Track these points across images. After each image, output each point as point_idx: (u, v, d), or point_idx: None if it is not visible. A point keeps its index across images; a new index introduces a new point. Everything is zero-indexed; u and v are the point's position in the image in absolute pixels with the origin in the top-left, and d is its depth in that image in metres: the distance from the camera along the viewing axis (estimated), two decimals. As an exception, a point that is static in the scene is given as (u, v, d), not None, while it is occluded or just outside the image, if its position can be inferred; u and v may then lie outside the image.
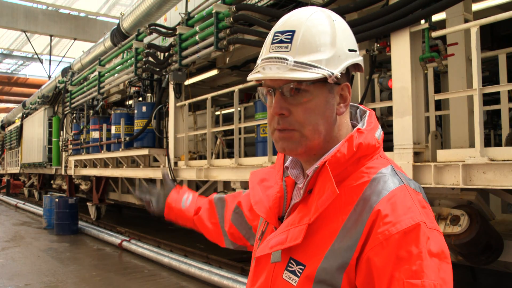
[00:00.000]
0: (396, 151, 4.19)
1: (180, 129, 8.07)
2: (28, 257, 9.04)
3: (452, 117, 4.71)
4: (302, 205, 1.13)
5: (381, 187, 1.05)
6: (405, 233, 0.97)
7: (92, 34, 23.06)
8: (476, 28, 3.63)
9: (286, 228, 1.12)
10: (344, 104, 1.15)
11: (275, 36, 1.13)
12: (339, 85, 1.13)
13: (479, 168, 3.60)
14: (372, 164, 1.11)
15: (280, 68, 1.08)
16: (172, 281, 7.11)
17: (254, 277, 1.23)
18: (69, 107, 13.58)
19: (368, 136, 1.12)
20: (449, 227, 3.94)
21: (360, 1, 4.58)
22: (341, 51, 1.11)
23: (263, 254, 1.15)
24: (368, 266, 0.99)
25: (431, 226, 1.01)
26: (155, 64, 8.38)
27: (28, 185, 23.19)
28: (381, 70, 5.95)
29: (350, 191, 1.07)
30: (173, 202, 1.82)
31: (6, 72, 37.87)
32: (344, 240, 1.03)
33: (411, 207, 1.02)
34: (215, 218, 1.74)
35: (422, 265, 0.95)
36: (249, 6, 6.03)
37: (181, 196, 1.83)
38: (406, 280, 0.94)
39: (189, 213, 1.78)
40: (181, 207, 1.80)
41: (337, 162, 1.08)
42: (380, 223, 1.00)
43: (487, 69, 6.95)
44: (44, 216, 13.23)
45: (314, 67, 1.07)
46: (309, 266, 1.06)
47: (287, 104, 1.11)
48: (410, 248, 0.96)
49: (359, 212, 1.03)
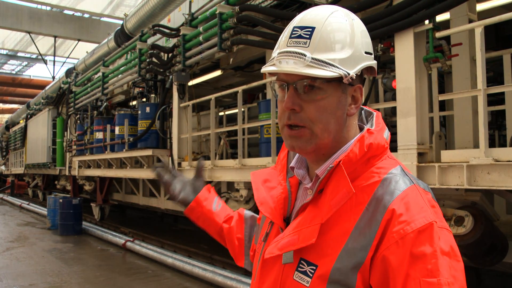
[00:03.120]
0: (400, 152, 4.17)
1: (183, 130, 8.07)
2: (33, 257, 9.06)
3: (456, 117, 4.70)
4: (312, 205, 1.12)
5: (393, 187, 1.05)
6: (419, 232, 0.98)
7: (96, 35, 23.11)
8: (481, 28, 3.62)
9: (297, 229, 1.11)
10: (355, 106, 1.16)
11: (294, 31, 1.11)
12: (352, 86, 1.13)
13: (484, 168, 3.58)
14: (382, 164, 1.12)
15: (297, 63, 1.07)
16: (176, 282, 7.11)
17: (261, 279, 1.21)
18: (73, 108, 13.60)
19: (378, 136, 1.13)
20: (454, 228, 3.93)
21: (364, 1, 4.57)
22: (358, 52, 1.11)
23: (273, 255, 1.14)
24: (384, 265, 1.00)
25: (441, 225, 1.02)
26: (159, 64, 8.38)
27: (32, 186, 23.24)
28: (385, 70, 5.94)
29: (361, 191, 1.07)
30: (204, 199, 1.66)
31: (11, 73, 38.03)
32: (358, 239, 1.03)
33: (423, 207, 1.03)
34: (241, 234, 1.63)
35: (437, 263, 0.96)
36: (252, 7, 6.03)
37: (212, 197, 1.69)
38: (422, 279, 0.95)
39: (219, 218, 1.64)
40: (211, 208, 1.65)
41: (349, 161, 1.08)
42: (395, 222, 1.00)
43: (491, 70, 6.92)
44: (48, 216, 13.26)
45: (331, 65, 1.07)
46: (321, 266, 1.06)
47: (299, 100, 1.10)
48: (424, 247, 0.97)
49: (372, 211, 1.04)
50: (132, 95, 10.25)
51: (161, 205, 10.57)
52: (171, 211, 10.59)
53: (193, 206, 1.65)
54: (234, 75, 9.25)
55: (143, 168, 9.52)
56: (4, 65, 37.10)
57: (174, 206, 10.30)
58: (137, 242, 9.73)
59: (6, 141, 28.46)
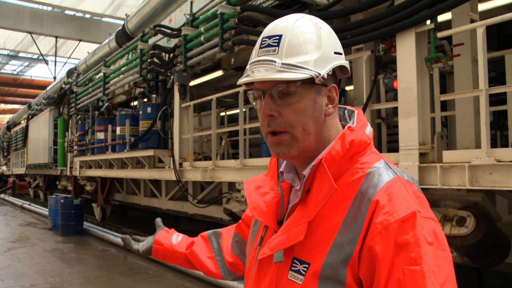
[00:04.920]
0: (401, 152, 4.16)
1: (185, 130, 8.06)
2: (34, 257, 9.07)
3: (458, 117, 4.69)
4: (301, 206, 1.15)
5: (376, 180, 1.08)
6: (402, 222, 1.01)
7: (97, 35, 23.11)
8: (483, 28, 3.61)
9: (287, 229, 1.14)
10: (332, 105, 1.19)
11: (263, 41, 1.17)
12: (326, 86, 1.17)
13: (486, 169, 3.57)
14: (365, 159, 1.15)
15: (268, 70, 1.11)
16: (177, 282, 7.11)
17: (257, 281, 1.24)
18: (74, 108, 13.60)
19: (359, 133, 1.16)
20: (455, 228, 3.92)
21: (366, 1, 4.57)
22: (327, 53, 1.15)
23: (265, 256, 1.17)
24: (370, 256, 1.02)
25: (426, 215, 1.04)
26: (160, 65, 8.38)
27: (33, 186, 23.28)
28: (386, 70, 5.93)
29: (347, 187, 1.10)
30: (162, 238, 1.79)
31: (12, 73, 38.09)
32: (346, 234, 1.05)
33: (406, 197, 1.05)
34: (210, 253, 1.72)
35: (420, 252, 0.98)
36: (254, 7, 6.02)
37: (171, 234, 1.81)
38: (405, 267, 0.97)
39: (181, 249, 1.75)
40: (171, 243, 1.77)
41: (332, 159, 1.11)
42: (379, 213, 1.03)
43: (493, 70, 6.92)
44: (49, 216, 13.26)
45: (301, 68, 1.10)
46: (313, 263, 1.08)
47: (276, 106, 1.14)
48: (407, 236, 0.99)
49: (358, 205, 1.07)
50: (133, 95, 10.25)
51: (162, 205, 10.57)
52: (172, 211, 10.60)
53: (155, 248, 1.77)
54: (236, 76, 9.24)
55: (144, 169, 9.52)
56: (6, 65, 37.16)
57: (175, 206, 10.32)
58: (138, 242, 9.72)
59: (7, 141, 28.47)
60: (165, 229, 1.84)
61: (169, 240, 1.78)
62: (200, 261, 1.71)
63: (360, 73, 5.08)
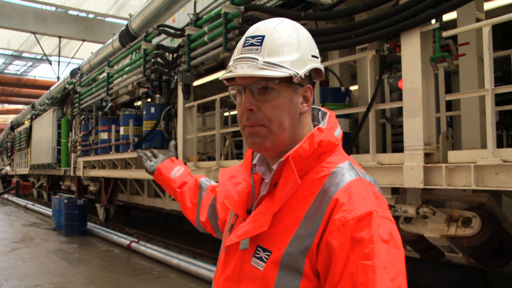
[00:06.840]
0: (406, 152, 4.13)
1: (188, 130, 8.05)
2: (38, 258, 9.08)
3: (463, 117, 4.66)
4: (269, 198, 1.24)
5: (339, 179, 1.17)
6: (359, 220, 1.09)
7: (101, 35, 23.16)
8: (488, 27, 3.58)
9: (254, 218, 1.23)
10: (307, 104, 1.28)
11: (247, 40, 1.25)
12: (302, 86, 1.26)
13: (491, 169, 3.54)
14: (332, 159, 1.24)
15: (251, 67, 1.20)
16: (181, 283, 7.11)
17: (224, 265, 1.31)
18: (78, 108, 13.60)
19: (328, 134, 1.25)
20: (461, 229, 3.89)
21: (370, 1, 4.53)
22: (305, 55, 1.25)
23: (232, 243, 1.25)
24: (327, 249, 1.10)
25: (383, 215, 1.12)
26: (164, 65, 8.37)
27: (37, 186, 23.30)
28: (391, 70, 5.89)
29: (312, 184, 1.19)
30: (164, 168, 2.08)
31: (16, 73, 38.24)
32: (306, 227, 1.14)
33: (365, 197, 1.14)
34: (195, 199, 1.96)
35: (373, 248, 1.06)
36: (258, 7, 6.00)
37: (173, 166, 2.09)
38: (359, 261, 1.05)
39: (175, 184, 2.02)
40: (169, 176, 2.05)
41: (299, 157, 1.20)
42: (338, 210, 1.12)
43: (499, 69, 6.87)
44: (53, 217, 13.29)
45: (281, 67, 1.19)
46: (275, 252, 1.17)
47: (256, 101, 1.22)
48: (363, 233, 1.07)
49: (319, 202, 1.15)
50: (137, 95, 10.25)
51: (166, 206, 10.56)
52: (176, 212, 10.59)
53: (156, 174, 2.12)
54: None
55: (148, 169, 9.49)
56: (9, 65, 37.31)
57: (179, 207, 10.29)
58: (142, 243, 9.73)
59: (11, 141, 28.52)
60: (171, 158, 2.15)
61: (169, 172, 2.07)
62: (185, 203, 1.98)
63: (365, 73, 5.06)
